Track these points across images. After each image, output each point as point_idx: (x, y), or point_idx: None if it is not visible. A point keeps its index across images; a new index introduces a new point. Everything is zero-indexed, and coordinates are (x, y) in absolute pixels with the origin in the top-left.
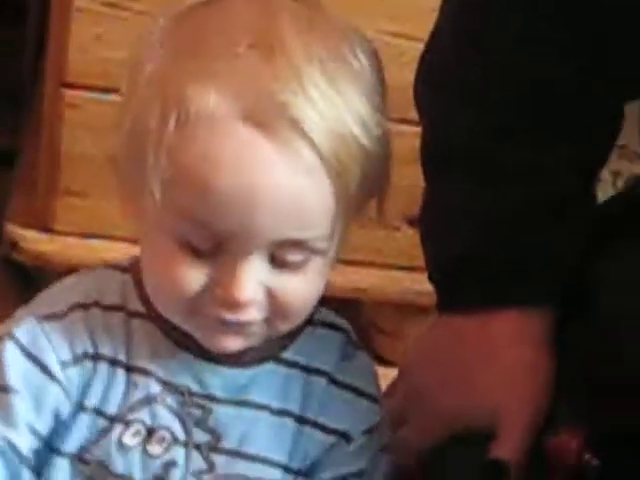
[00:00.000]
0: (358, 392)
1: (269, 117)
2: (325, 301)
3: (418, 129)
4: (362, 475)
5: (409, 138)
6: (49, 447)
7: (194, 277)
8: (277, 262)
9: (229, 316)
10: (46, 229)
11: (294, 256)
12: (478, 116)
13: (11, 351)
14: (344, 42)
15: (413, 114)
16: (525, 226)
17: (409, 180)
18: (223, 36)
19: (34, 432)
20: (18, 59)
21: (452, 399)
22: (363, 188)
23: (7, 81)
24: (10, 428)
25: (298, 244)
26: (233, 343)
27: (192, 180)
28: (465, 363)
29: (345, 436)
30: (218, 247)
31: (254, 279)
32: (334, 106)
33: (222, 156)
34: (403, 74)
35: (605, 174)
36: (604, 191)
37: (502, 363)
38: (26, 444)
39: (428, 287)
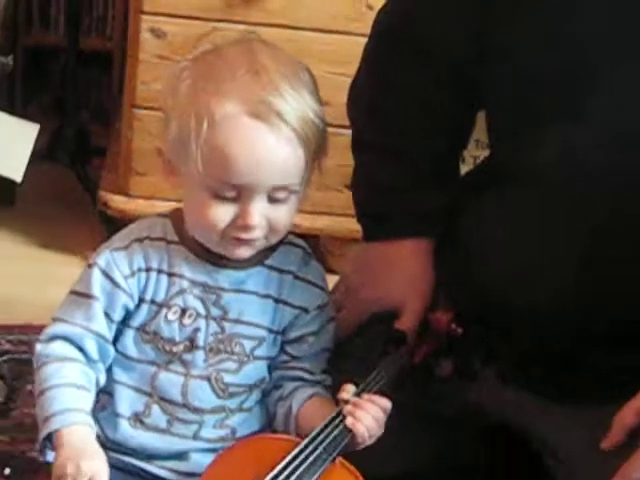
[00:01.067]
0: (312, 284)
1: (262, 112)
2: (298, 236)
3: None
4: (316, 334)
5: (346, 137)
6: (122, 323)
7: (223, 215)
8: (271, 200)
9: (245, 235)
10: (125, 195)
11: (281, 195)
12: (382, 124)
13: (94, 272)
14: (295, 65)
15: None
16: (415, 188)
17: (347, 161)
18: (226, 68)
19: (111, 321)
20: (108, 90)
21: (372, 293)
22: (316, 151)
23: (102, 105)
24: (94, 322)
25: (283, 188)
26: (244, 252)
27: (220, 156)
28: (381, 271)
29: (305, 310)
30: (237, 195)
31: (259, 212)
32: (298, 103)
33: (237, 139)
34: (341, 98)
35: (468, 158)
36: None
37: (404, 271)
38: (106, 331)
39: (358, 227)
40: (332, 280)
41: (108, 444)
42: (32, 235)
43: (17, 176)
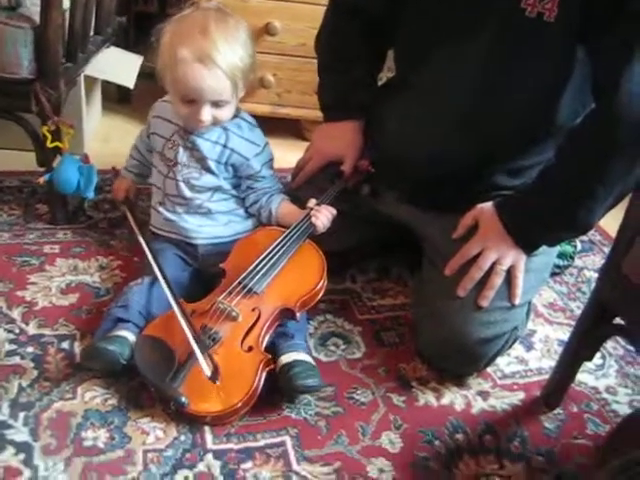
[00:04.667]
0: (252, 142)
1: (203, 59)
2: (289, 121)
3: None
4: (261, 169)
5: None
6: (150, 151)
7: (187, 111)
8: (214, 105)
9: (200, 124)
10: None
11: (219, 104)
12: (333, 56)
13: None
14: (234, 27)
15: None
16: (352, 92)
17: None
18: (188, 28)
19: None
20: None
21: (328, 149)
22: (243, 81)
23: None
24: (142, 135)
25: (219, 101)
26: (203, 129)
27: (181, 82)
28: (333, 137)
29: (246, 158)
30: (193, 102)
31: (206, 112)
32: (228, 53)
33: (189, 74)
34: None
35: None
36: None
37: (345, 137)
38: (146, 142)
39: (321, 114)
40: (306, 144)
41: (160, 227)
42: (141, 121)
43: (130, 84)
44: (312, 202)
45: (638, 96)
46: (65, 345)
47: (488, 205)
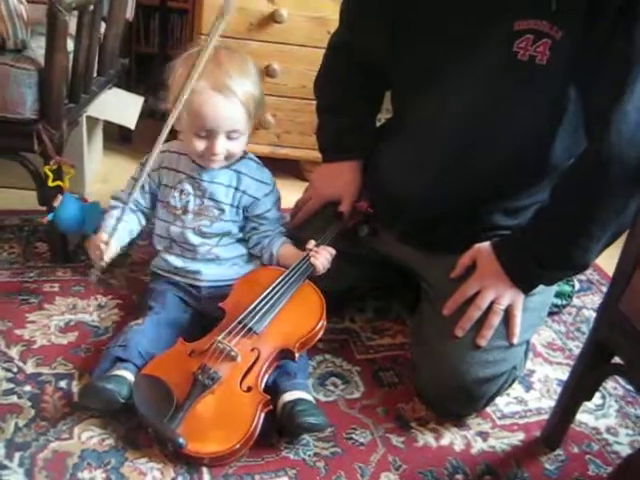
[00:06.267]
0: (262, 182)
1: (222, 88)
2: (289, 161)
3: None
4: (269, 210)
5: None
6: (155, 199)
7: (200, 146)
8: (228, 138)
9: (213, 158)
10: None
11: (234, 135)
12: (332, 98)
13: (139, 167)
14: (244, 62)
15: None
16: (350, 132)
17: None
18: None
19: (145, 192)
20: (186, 20)
21: (326, 190)
22: (254, 110)
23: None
24: (137, 196)
25: (234, 131)
26: (215, 165)
27: (196, 115)
28: (331, 178)
29: (256, 198)
30: (208, 135)
31: (220, 145)
32: (242, 83)
33: (206, 104)
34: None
35: (382, 116)
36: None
37: (344, 178)
38: (143, 201)
39: (319, 154)
40: (305, 184)
41: (163, 268)
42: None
43: (131, 125)
44: (311, 243)
45: (628, 135)
46: (63, 384)
47: (485, 245)
